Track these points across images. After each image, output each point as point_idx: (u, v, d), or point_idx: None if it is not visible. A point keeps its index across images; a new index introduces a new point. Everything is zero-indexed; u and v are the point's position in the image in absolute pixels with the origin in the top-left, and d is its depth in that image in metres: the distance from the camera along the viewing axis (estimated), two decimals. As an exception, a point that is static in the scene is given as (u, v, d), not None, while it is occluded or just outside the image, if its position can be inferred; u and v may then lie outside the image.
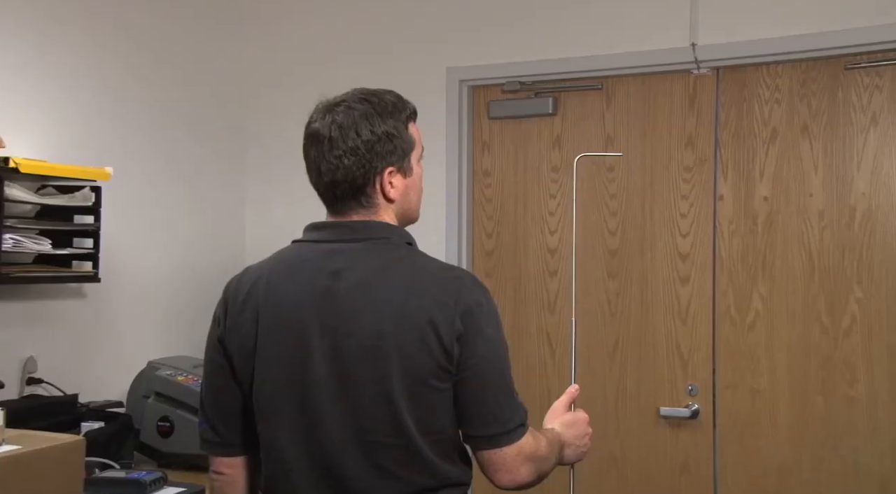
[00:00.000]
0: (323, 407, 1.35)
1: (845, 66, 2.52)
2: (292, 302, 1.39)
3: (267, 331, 1.40)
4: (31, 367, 2.45)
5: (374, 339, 1.34)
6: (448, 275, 1.42)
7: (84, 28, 2.70)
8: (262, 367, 1.41)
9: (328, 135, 1.40)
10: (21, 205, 2.33)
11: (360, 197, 1.42)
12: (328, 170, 1.40)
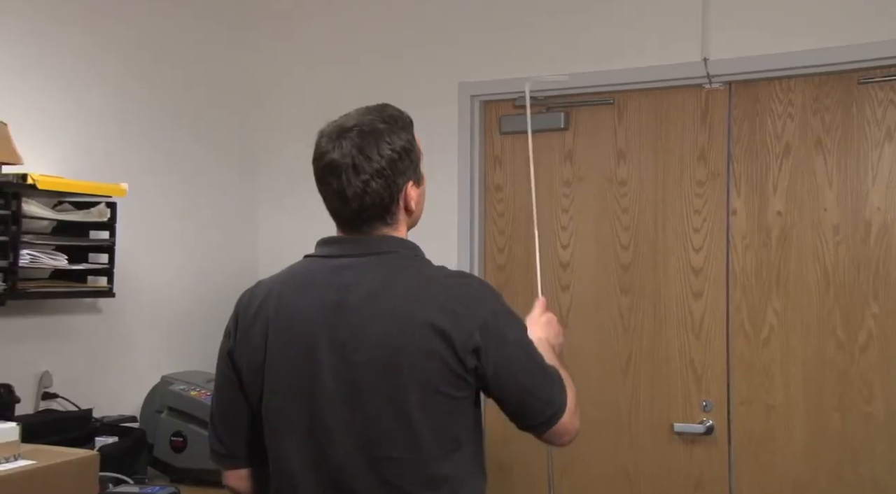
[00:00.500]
0: (331, 421, 1.35)
1: (859, 80, 2.50)
2: (302, 317, 1.39)
3: (276, 345, 1.40)
4: (46, 382, 2.47)
5: (383, 351, 1.33)
6: (455, 282, 1.41)
7: (103, 47, 2.74)
8: (272, 381, 1.41)
9: (351, 163, 1.38)
10: (38, 222, 2.35)
11: (386, 216, 1.42)
12: (355, 196, 1.38)
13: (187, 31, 3.05)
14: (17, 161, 2.24)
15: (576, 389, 1.48)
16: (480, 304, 1.37)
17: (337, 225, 1.47)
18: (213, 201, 3.16)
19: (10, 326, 2.41)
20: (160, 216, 2.90)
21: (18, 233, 2.25)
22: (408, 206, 1.44)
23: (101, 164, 2.64)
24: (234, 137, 3.25)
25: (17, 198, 2.25)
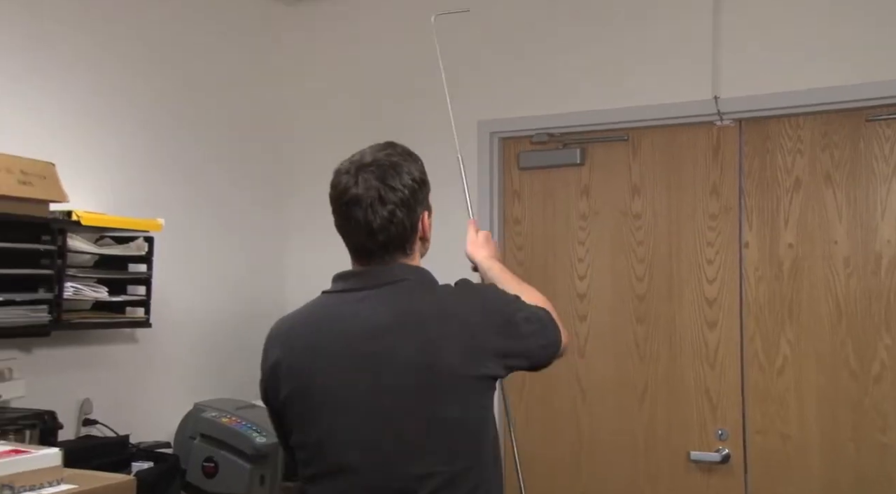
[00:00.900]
0: (352, 457, 1.37)
1: (866, 118, 2.53)
2: (325, 353, 1.41)
3: (297, 380, 1.43)
4: (86, 409, 2.54)
5: (413, 373, 1.36)
6: (472, 298, 1.46)
7: (144, 93, 2.84)
8: (294, 416, 1.44)
9: (376, 195, 1.40)
10: (81, 256, 2.44)
11: (406, 246, 1.45)
12: (381, 228, 1.40)
13: (219, 76, 3.15)
14: (64, 199, 2.34)
15: (549, 304, 1.57)
16: (495, 308, 1.44)
17: (354, 258, 1.49)
18: (242, 235, 3.23)
19: (54, 355, 2.48)
20: (194, 249, 2.97)
21: (63, 266, 2.34)
22: (424, 235, 1.49)
23: (139, 200, 2.73)
24: (262, 175, 3.33)
25: (63, 234, 2.34)
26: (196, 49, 3.06)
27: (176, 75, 2.96)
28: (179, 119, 2.96)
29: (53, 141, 2.48)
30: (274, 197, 3.36)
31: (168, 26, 2.95)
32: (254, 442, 2.47)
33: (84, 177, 2.57)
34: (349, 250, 1.49)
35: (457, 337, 1.38)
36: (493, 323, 1.42)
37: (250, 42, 3.32)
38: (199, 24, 3.09)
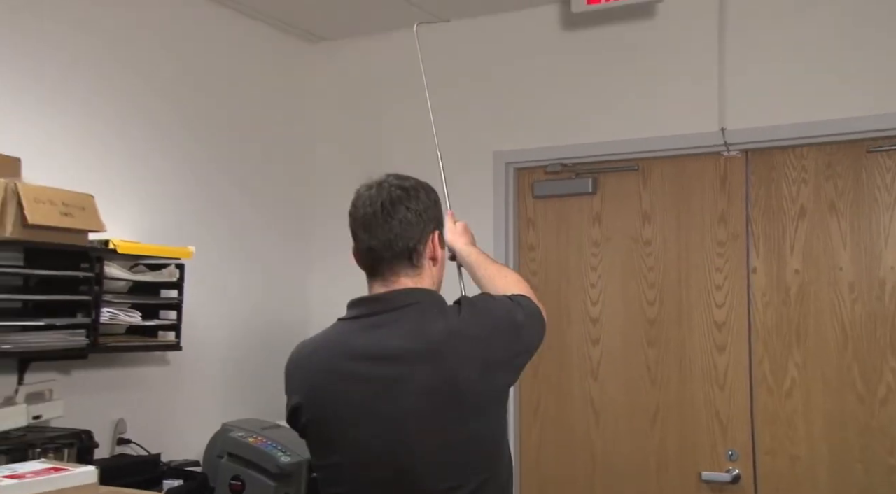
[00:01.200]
0: (374, 478, 1.40)
1: (868, 149, 2.58)
2: (338, 379, 1.43)
3: (315, 406, 1.45)
4: (121, 428, 2.60)
5: (432, 393, 1.38)
6: (482, 316, 1.47)
7: (179, 129, 2.93)
8: (313, 440, 1.48)
9: (391, 198, 1.46)
10: (117, 282, 2.51)
11: (413, 256, 1.48)
12: (395, 229, 1.45)
13: (249, 112, 3.25)
14: (102, 228, 2.42)
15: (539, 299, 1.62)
16: (503, 322, 1.47)
17: (368, 273, 1.52)
18: (268, 263, 3.30)
19: (90, 377, 2.56)
20: (222, 276, 3.04)
21: (100, 292, 2.41)
22: (434, 255, 1.51)
23: (171, 229, 2.82)
24: (287, 206, 3.41)
25: (100, 262, 2.41)
26: (229, 86, 3.17)
27: (209, 111, 3.06)
28: (210, 153, 3.05)
29: (93, 174, 2.58)
30: (298, 227, 3.43)
31: (204, 65, 3.07)
32: (278, 461, 2.52)
33: (120, 208, 2.66)
34: (362, 263, 1.51)
35: (470, 355, 1.40)
36: (501, 333, 1.46)
37: (278, 79, 3.42)
38: (232, 63, 3.20)
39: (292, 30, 3.42)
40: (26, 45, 2.47)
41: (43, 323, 2.29)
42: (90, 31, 2.65)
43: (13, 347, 2.22)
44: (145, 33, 2.84)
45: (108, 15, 2.70)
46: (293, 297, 3.41)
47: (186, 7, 2.99)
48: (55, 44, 2.53)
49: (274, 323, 3.25)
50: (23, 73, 2.45)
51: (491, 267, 1.72)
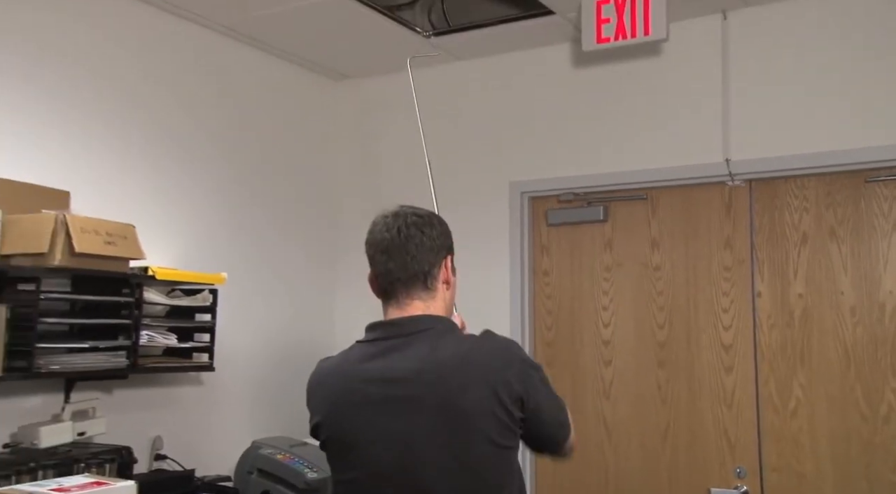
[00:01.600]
0: (387, 492, 1.43)
1: (866, 179, 2.62)
2: (353, 399, 1.47)
3: (333, 423, 1.50)
4: (158, 445, 2.69)
5: (441, 414, 1.40)
6: (489, 345, 1.49)
7: (215, 161, 3.03)
8: (331, 456, 1.52)
9: (407, 225, 1.51)
10: (155, 306, 2.60)
11: (428, 280, 1.52)
12: (408, 249, 1.50)
13: (279, 146, 3.34)
14: (142, 256, 2.50)
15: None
16: (513, 357, 1.47)
17: (384, 297, 1.55)
18: (296, 288, 3.37)
19: (130, 396, 2.65)
20: (253, 301, 3.12)
21: (140, 316, 2.49)
22: (447, 279, 1.55)
23: (206, 257, 2.91)
24: (315, 235, 3.49)
25: (140, 288, 2.50)
26: (260, 121, 3.27)
27: (242, 145, 3.16)
28: (242, 184, 3.15)
29: (134, 205, 2.69)
30: (325, 254, 3.51)
31: (238, 102, 3.17)
32: (305, 477, 2.58)
33: (159, 237, 2.76)
34: (379, 287, 1.55)
35: (478, 381, 1.42)
36: (512, 367, 1.45)
37: (305, 114, 3.52)
38: (263, 99, 3.30)
39: (318, 68, 3.54)
40: (76, 87, 2.59)
41: (87, 345, 2.38)
42: (134, 74, 2.77)
43: (60, 368, 2.31)
44: (186, 75, 2.96)
45: (150, 59, 2.83)
46: (319, 321, 3.47)
47: (222, 49, 3.12)
48: (102, 86, 2.66)
49: (301, 345, 3.31)
50: (72, 114, 2.57)
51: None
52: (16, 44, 2.44)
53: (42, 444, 2.30)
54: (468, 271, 2.15)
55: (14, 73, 2.42)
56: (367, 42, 3.19)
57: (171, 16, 2.91)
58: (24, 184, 2.38)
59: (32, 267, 2.27)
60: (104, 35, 2.68)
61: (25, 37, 2.47)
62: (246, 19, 3.00)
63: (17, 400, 2.36)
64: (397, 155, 3.46)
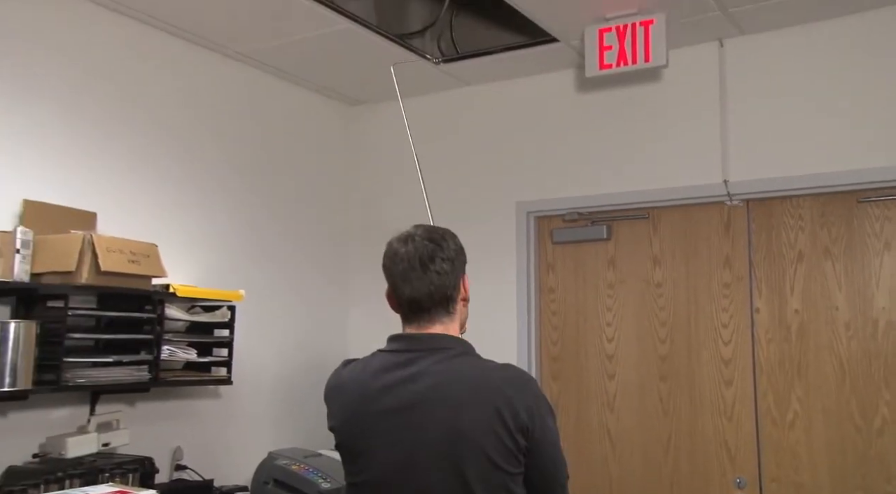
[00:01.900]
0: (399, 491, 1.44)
1: (858, 199, 2.69)
2: (370, 405, 1.49)
3: (349, 427, 1.52)
4: (178, 455, 2.75)
5: (449, 432, 1.42)
6: (504, 374, 1.49)
7: (235, 184, 3.10)
8: (345, 457, 1.54)
9: (429, 252, 1.50)
10: (175, 322, 2.68)
11: (449, 304, 1.54)
12: (432, 281, 1.50)
13: (295, 169, 3.41)
14: (164, 274, 2.58)
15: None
16: (527, 390, 1.47)
17: (405, 318, 1.56)
18: (311, 305, 3.43)
19: (152, 409, 2.72)
20: (269, 317, 3.18)
21: (161, 332, 2.57)
22: (465, 296, 1.57)
23: (225, 275, 2.98)
24: (329, 253, 3.56)
25: (162, 304, 2.57)
26: (278, 144, 3.36)
27: (260, 167, 3.24)
28: (259, 204, 3.22)
29: (157, 224, 2.77)
30: (338, 272, 3.58)
31: (257, 126, 3.26)
32: (319, 487, 2.63)
33: (180, 255, 2.83)
34: (401, 310, 1.55)
35: (485, 402, 1.43)
36: (523, 397, 1.45)
37: (321, 138, 3.60)
38: (281, 124, 3.39)
39: (333, 94, 3.63)
40: (103, 114, 2.67)
41: (112, 359, 2.45)
42: (159, 100, 2.86)
43: (86, 381, 2.39)
44: (208, 101, 3.05)
45: (175, 86, 2.93)
46: (332, 336, 3.53)
47: (243, 76, 3.21)
48: (128, 113, 2.75)
49: (316, 360, 3.35)
50: (99, 139, 2.66)
51: None
52: (51, 74, 2.54)
53: (69, 454, 2.37)
54: (477, 288, 2.14)
55: (47, 102, 2.52)
56: (380, 69, 3.23)
57: (196, 45, 3.01)
58: (54, 206, 2.46)
59: (61, 284, 2.34)
60: (133, 64, 2.79)
61: (61, 68, 2.57)
62: (266, 48, 3.10)
63: (45, 411, 2.43)
64: (407, 176, 3.39)
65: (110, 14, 2.72)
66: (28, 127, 2.46)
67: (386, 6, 2.99)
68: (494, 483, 1.43)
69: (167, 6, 2.72)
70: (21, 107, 2.45)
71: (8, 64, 2.44)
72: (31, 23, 2.51)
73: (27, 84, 2.48)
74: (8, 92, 2.43)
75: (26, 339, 2.26)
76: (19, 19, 2.47)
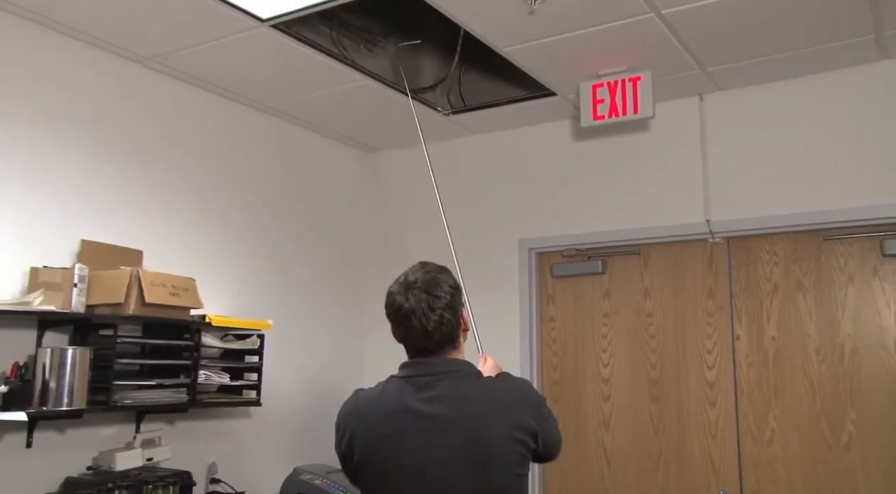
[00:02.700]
0: None
1: (824, 237, 2.84)
2: (388, 428, 1.55)
3: (368, 450, 1.57)
4: (213, 470, 2.91)
5: (469, 446, 1.49)
6: (508, 386, 1.61)
7: (266, 226, 3.27)
8: (366, 478, 1.59)
9: (426, 305, 1.57)
10: (210, 349, 2.83)
11: (455, 340, 1.63)
12: (436, 330, 1.58)
13: (318, 211, 3.58)
14: (200, 306, 2.73)
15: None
16: (530, 397, 1.60)
17: (413, 354, 1.63)
18: (331, 332, 3.58)
19: (189, 427, 2.88)
20: (294, 344, 3.34)
21: (198, 358, 2.70)
22: (465, 327, 1.65)
23: (255, 306, 3.15)
24: (348, 286, 3.71)
25: (199, 333, 2.72)
26: (303, 188, 3.53)
27: (287, 210, 3.42)
28: (286, 243, 3.40)
29: (195, 260, 2.95)
30: (355, 305, 3.74)
31: (284, 171, 3.44)
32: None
33: (216, 289, 3.01)
34: (410, 351, 1.63)
35: (500, 417, 1.52)
36: (529, 406, 1.58)
37: (340, 182, 3.78)
38: (305, 169, 3.56)
39: (352, 142, 3.82)
40: (149, 165, 2.87)
41: (154, 383, 2.58)
42: (197, 151, 3.05)
43: (133, 402, 2.54)
44: (240, 150, 3.24)
45: (211, 138, 3.12)
46: (351, 361, 3.67)
47: (273, 128, 3.41)
48: (170, 163, 2.94)
49: (336, 383, 3.50)
50: (146, 185, 2.85)
51: None
52: (113, 133, 2.75)
53: (117, 468, 2.51)
54: (483, 318, 2.33)
55: (106, 156, 2.73)
56: (395, 120, 3.44)
57: (235, 103, 3.23)
58: (106, 245, 2.64)
59: (111, 315, 2.49)
60: (180, 121, 3.00)
61: (121, 126, 2.78)
62: (295, 103, 3.30)
63: (97, 429, 2.60)
64: (419, 216, 3.66)
65: (162, 78, 2.96)
66: (87, 176, 2.68)
67: (401, 64, 3.19)
68: (515, 489, 1.54)
69: (212, 70, 2.96)
70: (84, 160, 2.67)
71: (77, 124, 2.67)
72: (98, 86, 2.74)
73: (94, 141, 2.71)
74: (75, 147, 2.65)
75: (81, 364, 2.39)
76: (86, 82, 2.71)
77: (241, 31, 2.62)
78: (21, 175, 2.51)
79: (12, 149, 2.49)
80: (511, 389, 1.61)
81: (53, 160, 2.60)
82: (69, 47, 2.69)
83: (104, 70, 2.79)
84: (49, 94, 2.62)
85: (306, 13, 2.51)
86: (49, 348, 2.38)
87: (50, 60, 2.63)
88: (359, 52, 2.97)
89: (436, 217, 3.39)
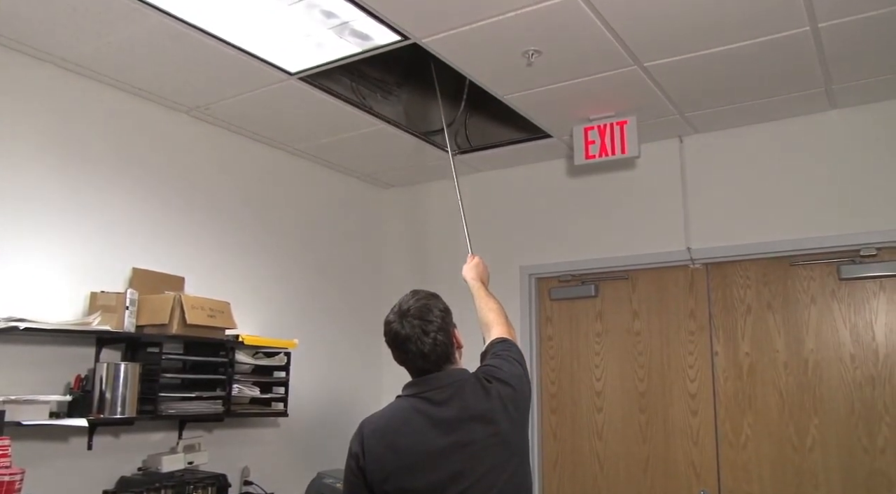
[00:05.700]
0: None
1: (790, 263, 3.08)
2: (402, 445, 1.64)
3: (384, 466, 1.64)
4: (246, 474, 3.16)
5: (485, 439, 1.59)
6: (497, 380, 1.70)
7: (294, 257, 3.50)
8: (398, 487, 1.64)
9: (420, 331, 1.67)
10: (243, 366, 3.06)
11: (451, 356, 1.73)
12: (431, 351, 1.68)
13: (339, 243, 3.81)
14: (234, 326, 2.99)
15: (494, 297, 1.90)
16: (517, 381, 1.70)
17: (415, 374, 1.72)
18: (351, 351, 3.79)
19: (225, 435, 3.12)
20: (318, 360, 3.56)
21: (232, 373, 2.94)
22: (459, 345, 1.76)
23: (283, 327, 3.38)
24: (367, 309, 3.93)
25: (233, 351, 2.96)
26: (325, 221, 3.78)
27: (311, 240, 3.67)
28: (312, 271, 3.64)
29: (230, 285, 3.21)
30: (374, 324, 3.63)
31: (308, 207, 3.69)
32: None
33: (248, 311, 3.26)
34: (412, 372, 1.73)
35: (506, 413, 1.65)
36: (519, 388, 1.70)
37: (359, 216, 4.02)
38: (327, 204, 3.82)
39: (370, 179, 4.07)
40: (193, 204, 3.13)
41: (194, 395, 2.81)
42: (236, 191, 3.32)
43: (176, 412, 2.79)
44: (271, 187, 3.51)
45: (244, 178, 3.40)
46: (369, 376, 3.87)
47: (298, 167, 3.67)
48: (211, 203, 3.21)
49: (356, 396, 3.71)
50: (190, 221, 3.11)
51: (485, 298, 2.07)
52: (160, 175, 3.03)
53: (163, 469, 2.76)
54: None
55: (154, 195, 3.01)
56: (408, 159, 3.68)
57: (267, 145, 3.50)
58: (153, 272, 2.91)
59: (157, 334, 2.73)
60: (217, 164, 3.28)
61: (166, 170, 3.05)
62: (316, 145, 3.59)
63: (145, 435, 2.85)
64: (432, 246, 3.87)
65: (205, 125, 3.26)
66: (139, 214, 2.96)
67: (413, 110, 3.43)
68: (528, 471, 1.68)
69: (247, 117, 3.25)
70: (137, 199, 2.96)
71: (133, 170, 2.95)
72: (149, 135, 3.02)
73: (146, 184, 2.99)
74: (131, 190, 2.94)
75: (132, 378, 2.65)
76: (140, 133, 3.00)
77: (273, 83, 2.90)
78: (86, 214, 2.81)
79: (80, 193, 2.81)
80: (503, 383, 1.72)
81: (112, 201, 2.90)
82: (127, 101, 3.01)
83: (156, 120, 3.09)
84: (110, 146, 2.90)
85: (329, 67, 2.76)
86: (105, 363, 2.62)
87: (112, 116, 2.94)
88: (376, 100, 3.24)
89: (449, 247, 3.78)
